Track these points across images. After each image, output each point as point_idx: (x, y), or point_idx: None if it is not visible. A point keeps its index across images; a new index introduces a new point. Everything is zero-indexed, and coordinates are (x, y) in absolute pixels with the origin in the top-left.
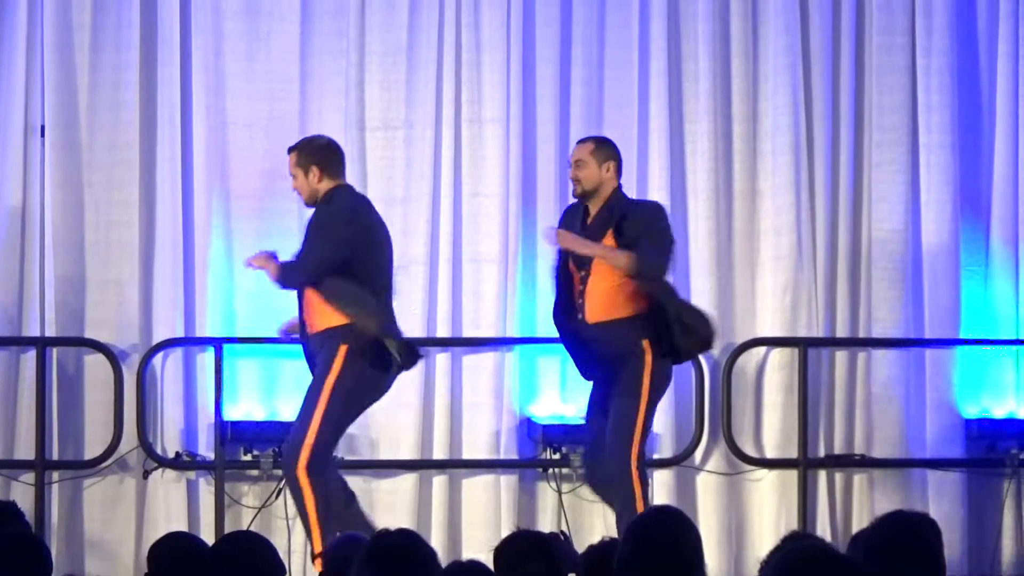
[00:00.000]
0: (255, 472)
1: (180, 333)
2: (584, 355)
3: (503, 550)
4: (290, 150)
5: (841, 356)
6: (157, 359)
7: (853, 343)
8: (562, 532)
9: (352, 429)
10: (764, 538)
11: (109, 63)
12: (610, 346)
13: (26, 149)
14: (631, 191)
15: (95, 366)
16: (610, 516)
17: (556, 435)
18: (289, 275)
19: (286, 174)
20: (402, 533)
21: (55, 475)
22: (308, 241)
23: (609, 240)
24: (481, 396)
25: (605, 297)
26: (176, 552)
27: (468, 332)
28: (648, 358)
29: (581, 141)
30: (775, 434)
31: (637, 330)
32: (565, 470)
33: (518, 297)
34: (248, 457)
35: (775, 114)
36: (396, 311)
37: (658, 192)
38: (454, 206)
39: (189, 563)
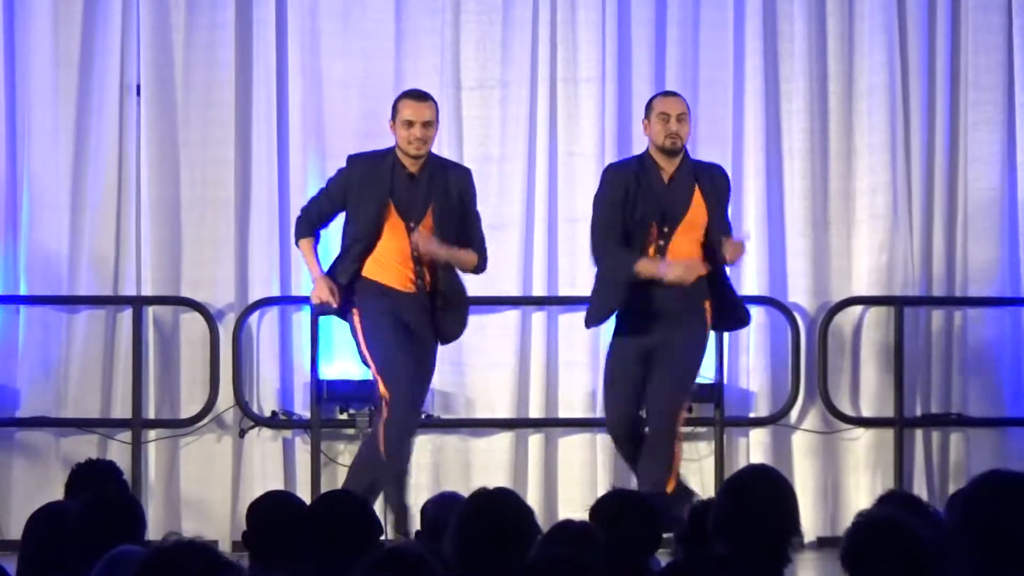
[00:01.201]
0: (351, 431)
1: (276, 292)
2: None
3: (599, 509)
4: (429, 98)
5: (937, 315)
6: (253, 318)
7: (949, 302)
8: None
9: (449, 388)
10: (860, 497)
11: (205, 22)
12: (679, 305)
13: (122, 108)
14: (727, 151)
15: (191, 325)
16: (707, 474)
17: None
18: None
19: (381, 133)
20: (499, 492)
21: (152, 434)
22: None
23: (699, 200)
24: (577, 354)
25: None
26: (274, 511)
27: (564, 291)
28: (708, 319)
29: (674, 95)
30: (871, 393)
31: (703, 292)
32: None
33: None
34: (344, 416)
35: (871, 73)
36: None
37: (754, 152)
38: (549, 165)
39: (287, 522)
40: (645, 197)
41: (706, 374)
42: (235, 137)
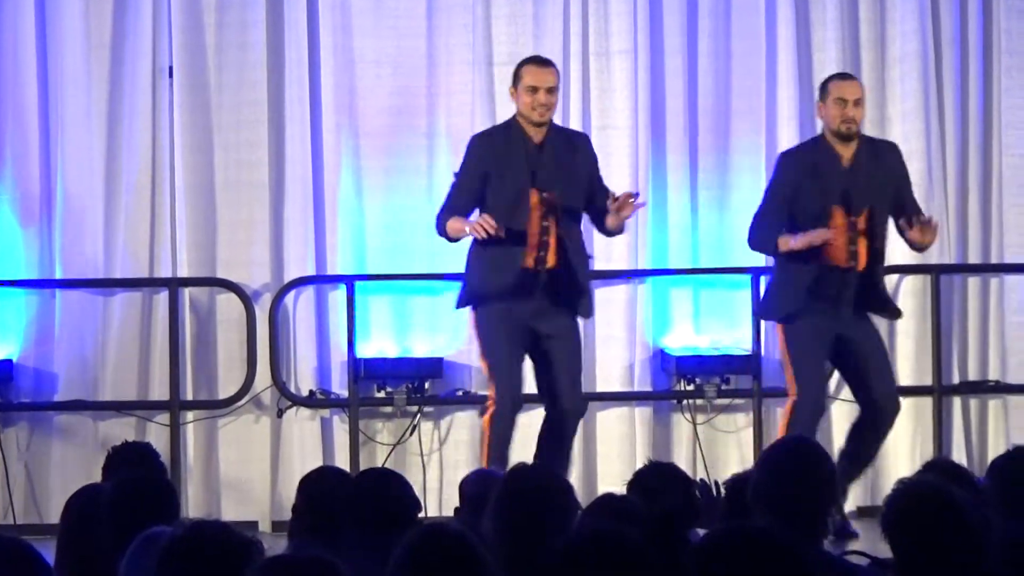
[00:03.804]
0: (389, 409)
1: (311, 271)
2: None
3: (637, 482)
4: (552, 64)
5: (974, 282)
6: (289, 297)
7: (985, 269)
8: (707, 480)
9: None
10: (899, 465)
11: (236, 3)
12: (876, 291)
13: (155, 91)
14: (760, 122)
15: (227, 306)
16: (745, 446)
17: (690, 366)
18: None
19: (414, 110)
20: (538, 467)
21: (190, 416)
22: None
23: (882, 180)
24: (614, 329)
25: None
26: (322, 486)
27: (600, 265)
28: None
29: (851, 77)
30: (909, 361)
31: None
32: (699, 401)
33: (649, 229)
34: (382, 394)
35: (903, 40)
36: None
37: (787, 122)
38: None
39: (335, 498)
40: (824, 183)
41: (743, 346)
42: (268, 118)
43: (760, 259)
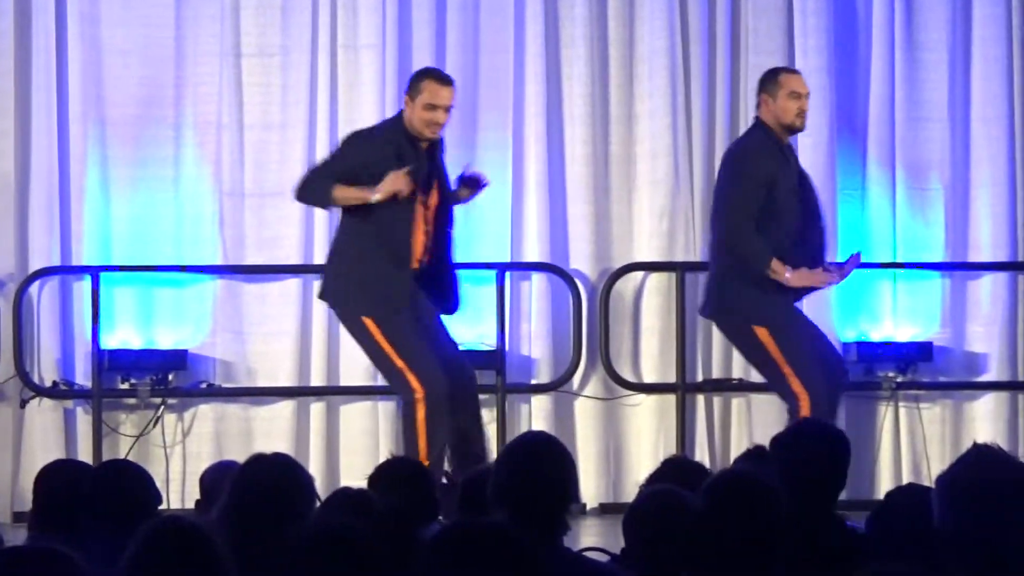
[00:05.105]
0: (132, 401)
1: (56, 261)
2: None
3: (377, 477)
4: (452, 82)
5: None
6: (33, 288)
7: None
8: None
9: (230, 357)
10: (642, 463)
11: None
12: None
13: None
14: (507, 117)
15: None
16: (489, 441)
17: None
18: None
19: (161, 101)
20: (276, 457)
21: None
22: None
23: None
24: None
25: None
26: (60, 480)
27: None
28: None
29: (799, 72)
30: (653, 359)
31: None
32: None
33: None
34: (126, 386)
35: (651, 38)
36: None
37: (534, 118)
38: (330, 132)
39: (74, 491)
40: (785, 176)
41: (487, 341)
42: (15, 107)
43: (504, 254)
